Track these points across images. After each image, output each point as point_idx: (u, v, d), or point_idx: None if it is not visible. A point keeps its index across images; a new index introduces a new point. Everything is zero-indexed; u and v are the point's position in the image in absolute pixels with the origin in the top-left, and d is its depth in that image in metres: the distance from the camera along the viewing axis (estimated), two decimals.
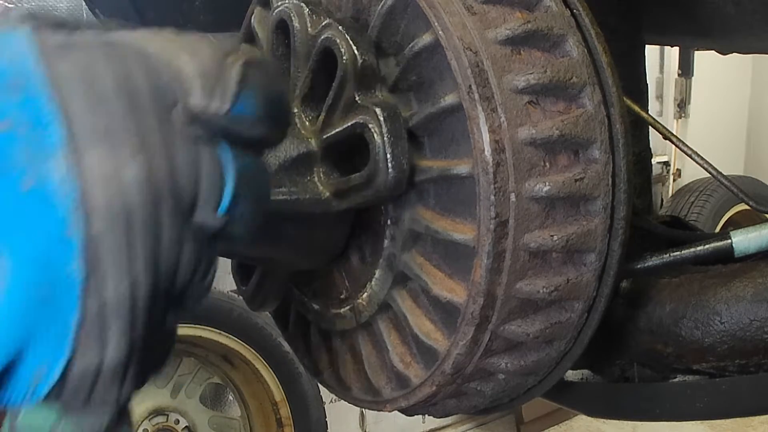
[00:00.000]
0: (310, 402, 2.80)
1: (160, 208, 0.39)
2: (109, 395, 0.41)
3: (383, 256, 0.70)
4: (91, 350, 0.38)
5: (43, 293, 0.37)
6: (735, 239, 0.80)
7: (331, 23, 0.69)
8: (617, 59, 0.66)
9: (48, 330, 0.37)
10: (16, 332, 0.37)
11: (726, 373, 0.76)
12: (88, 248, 0.37)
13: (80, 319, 0.37)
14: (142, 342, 0.41)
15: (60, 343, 0.38)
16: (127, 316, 0.39)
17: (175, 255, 0.41)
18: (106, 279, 0.38)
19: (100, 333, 0.38)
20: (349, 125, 0.66)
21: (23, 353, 0.37)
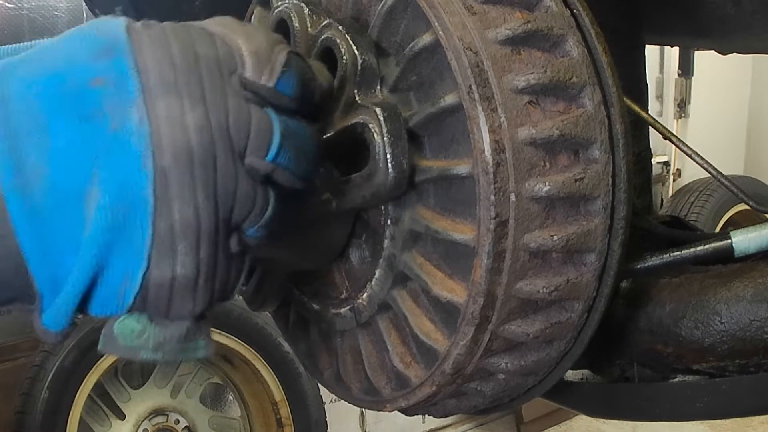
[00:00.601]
0: (310, 402, 2.80)
1: (217, 149, 0.47)
2: (184, 307, 0.49)
3: (383, 256, 0.70)
4: (163, 262, 0.47)
5: (122, 214, 0.45)
6: (735, 239, 0.80)
7: (331, 23, 0.69)
8: (617, 59, 0.66)
9: (127, 245, 0.46)
10: (103, 242, 0.45)
11: (726, 373, 0.76)
12: (158, 178, 0.45)
13: (152, 236, 0.46)
14: (209, 261, 0.48)
15: (138, 256, 0.46)
16: (192, 236, 0.47)
17: (232, 189, 0.48)
18: (173, 204, 0.46)
19: (170, 249, 0.46)
20: (349, 125, 0.66)
21: (109, 262, 0.46)
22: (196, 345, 0.51)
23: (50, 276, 0.47)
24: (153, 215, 0.46)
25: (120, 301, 0.48)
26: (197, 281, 0.49)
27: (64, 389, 2.37)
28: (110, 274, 0.47)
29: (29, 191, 0.45)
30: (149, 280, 0.47)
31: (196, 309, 0.50)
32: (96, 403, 2.73)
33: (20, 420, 2.32)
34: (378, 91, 0.68)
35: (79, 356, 2.39)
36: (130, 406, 2.81)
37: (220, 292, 0.52)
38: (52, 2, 2.69)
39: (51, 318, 0.48)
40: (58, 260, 0.46)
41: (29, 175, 0.44)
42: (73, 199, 0.45)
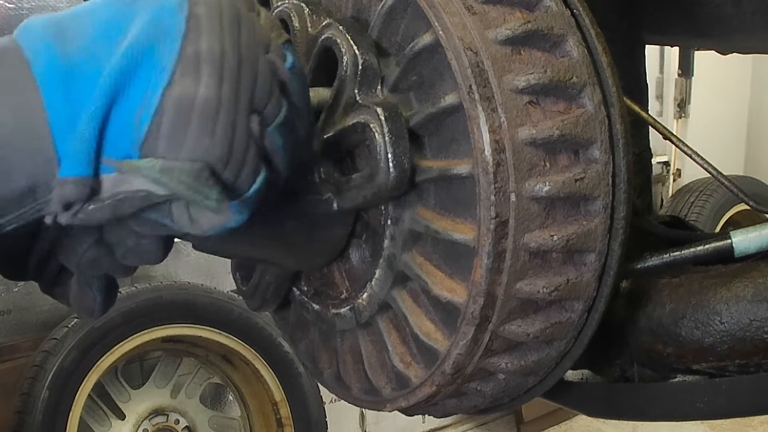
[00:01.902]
0: (310, 402, 2.80)
1: (242, 21, 0.52)
2: (201, 140, 0.49)
3: (383, 256, 0.70)
4: (186, 80, 0.49)
5: (154, 37, 0.49)
6: (735, 239, 0.80)
7: (332, 23, 0.69)
8: (617, 59, 0.66)
9: (152, 63, 0.48)
10: (129, 59, 0.48)
11: (726, 373, 0.76)
12: (191, 18, 0.50)
13: (179, 56, 0.49)
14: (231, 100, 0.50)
15: (162, 72, 0.48)
16: (217, 63, 0.49)
17: (253, 60, 0.52)
18: (202, 36, 0.49)
19: (194, 69, 0.49)
20: (350, 125, 0.66)
21: (131, 81, 0.48)
22: (209, 194, 0.50)
23: (70, 115, 0.48)
24: (183, 39, 0.49)
25: (137, 127, 0.48)
26: (217, 114, 0.49)
27: (64, 389, 2.37)
28: (131, 90, 0.48)
29: (63, 45, 0.48)
30: (169, 96, 0.48)
31: (213, 149, 0.49)
32: (96, 403, 2.73)
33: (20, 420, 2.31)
34: (378, 91, 0.68)
35: (79, 356, 2.38)
36: (130, 406, 2.81)
37: (238, 159, 0.51)
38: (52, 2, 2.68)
39: (70, 159, 0.48)
40: (80, 98, 0.48)
41: (67, 38, 0.49)
42: (108, 46, 0.48)
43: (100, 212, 0.50)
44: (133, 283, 2.56)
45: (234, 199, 0.52)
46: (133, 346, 2.51)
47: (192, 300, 2.59)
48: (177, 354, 2.92)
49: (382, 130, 0.63)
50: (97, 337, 2.41)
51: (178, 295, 2.57)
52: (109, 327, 2.41)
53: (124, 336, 2.46)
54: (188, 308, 2.59)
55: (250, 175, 0.52)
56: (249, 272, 0.85)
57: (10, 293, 2.60)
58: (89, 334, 2.39)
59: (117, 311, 2.39)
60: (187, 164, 0.49)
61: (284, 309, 0.89)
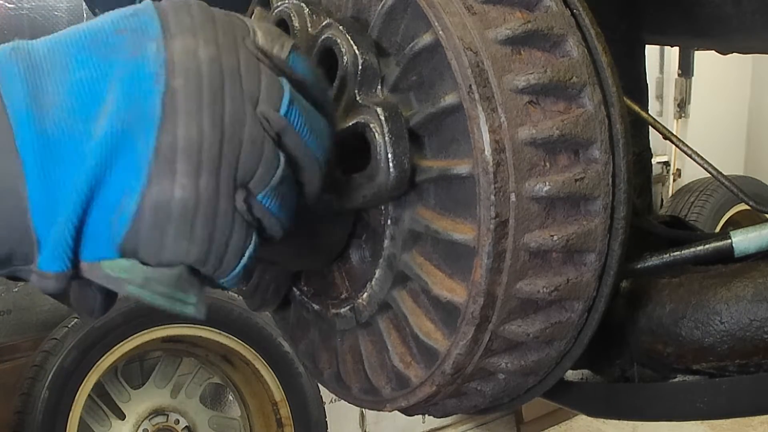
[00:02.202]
0: (310, 402, 2.80)
1: (225, 83, 0.49)
2: (179, 244, 0.48)
3: (383, 256, 0.70)
4: (163, 181, 0.47)
5: (130, 123, 0.46)
6: (735, 239, 0.80)
7: (332, 23, 0.69)
8: (617, 59, 0.66)
9: (129, 157, 0.47)
10: (107, 150, 0.46)
11: (726, 373, 0.76)
12: (167, 96, 0.47)
13: (155, 151, 0.46)
14: (209, 195, 0.48)
15: (138, 171, 0.47)
16: (194, 157, 0.47)
17: (239, 126, 0.49)
18: (179, 121, 0.47)
19: (170, 167, 0.47)
20: (350, 125, 0.66)
21: (109, 177, 0.47)
22: (187, 298, 0.50)
23: (48, 205, 0.46)
24: (158, 129, 0.47)
25: (114, 229, 0.47)
26: (195, 213, 0.47)
27: (64, 389, 2.37)
28: (108, 189, 0.47)
29: (42, 117, 0.46)
30: (146, 200, 0.47)
31: (191, 251, 0.48)
32: (96, 403, 2.73)
33: (20, 420, 2.32)
34: (379, 91, 0.68)
35: (79, 356, 2.39)
36: (130, 406, 2.81)
37: (218, 252, 0.50)
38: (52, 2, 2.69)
39: (48, 253, 0.47)
40: (59, 185, 0.46)
41: (45, 104, 0.46)
42: (86, 122, 0.46)
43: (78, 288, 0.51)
44: None
45: (219, 281, 0.52)
46: (133, 346, 2.51)
47: None
48: (177, 354, 2.93)
49: (382, 130, 0.63)
50: (97, 337, 2.41)
51: None
52: (109, 327, 2.41)
53: (124, 336, 2.47)
54: None
55: (234, 256, 0.51)
56: (249, 272, 0.84)
57: (10, 293, 2.61)
58: (89, 334, 2.40)
59: (117, 311, 2.39)
60: (165, 273, 0.49)
61: (284, 309, 0.89)
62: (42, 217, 0.47)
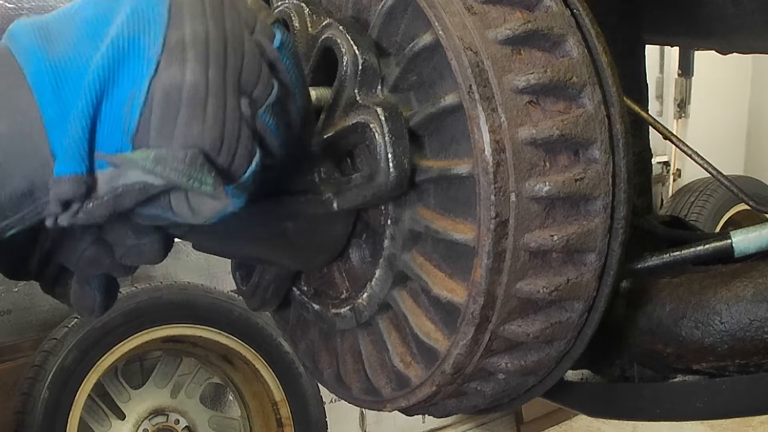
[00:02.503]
0: (310, 402, 2.80)
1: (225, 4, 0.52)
2: (192, 126, 0.49)
3: (383, 256, 0.70)
4: (172, 68, 0.48)
5: (138, 27, 0.49)
6: (735, 239, 0.80)
7: (332, 23, 0.69)
8: (617, 59, 0.66)
9: (138, 54, 0.48)
10: (114, 52, 0.48)
11: (726, 373, 0.76)
12: (173, 4, 0.49)
13: (163, 44, 0.49)
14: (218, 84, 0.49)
15: (147, 62, 0.48)
16: (202, 48, 0.49)
17: (239, 41, 0.51)
18: (185, 21, 0.49)
19: (180, 55, 0.49)
20: (350, 125, 0.66)
21: (118, 74, 0.48)
22: (204, 178, 0.50)
23: (61, 115, 0.48)
24: (167, 27, 0.49)
25: (126, 120, 0.48)
26: (206, 98, 0.49)
27: (64, 389, 2.37)
28: (119, 86, 0.48)
29: (52, 50, 0.48)
30: (156, 86, 0.48)
31: (204, 135, 0.49)
32: (96, 403, 2.73)
33: (20, 420, 2.31)
34: (378, 91, 0.68)
35: (79, 356, 2.38)
36: (130, 406, 2.81)
37: (230, 143, 0.51)
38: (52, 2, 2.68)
39: (62, 157, 0.48)
40: (70, 91, 0.48)
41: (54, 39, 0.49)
42: (93, 40, 0.48)
43: (99, 209, 0.50)
44: (133, 283, 2.56)
45: (230, 183, 0.52)
46: (133, 346, 2.51)
47: (192, 300, 2.59)
48: (177, 354, 2.93)
49: (382, 130, 0.63)
50: (97, 337, 2.41)
51: (178, 295, 2.57)
52: (109, 327, 2.41)
53: (124, 336, 2.47)
54: (188, 308, 2.59)
55: (244, 157, 0.52)
56: (249, 272, 0.85)
57: (10, 293, 2.60)
58: (89, 334, 2.39)
59: (117, 311, 2.39)
60: (180, 152, 0.49)
61: (284, 309, 0.89)
62: (56, 128, 0.48)
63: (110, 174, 0.49)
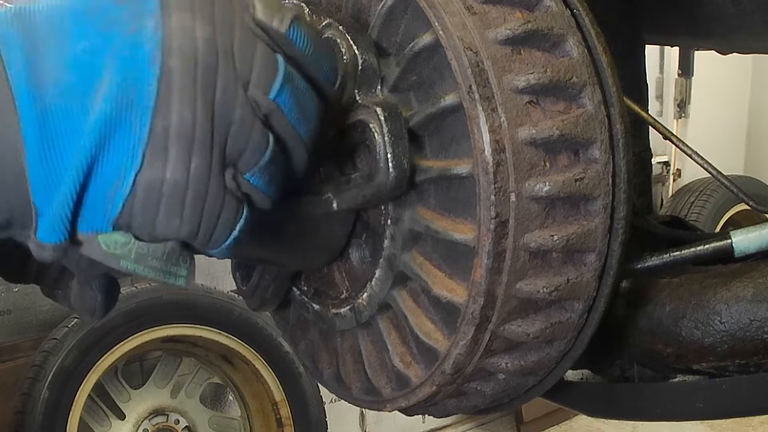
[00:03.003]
0: (310, 402, 2.80)
1: (219, 65, 0.50)
2: (171, 221, 0.50)
3: (383, 256, 0.70)
4: (156, 163, 0.48)
5: (126, 105, 0.48)
6: (735, 239, 0.80)
7: (332, 23, 0.69)
8: (617, 59, 0.66)
9: (124, 139, 0.48)
10: (103, 130, 0.47)
11: (726, 373, 0.76)
12: (163, 77, 0.48)
13: (149, 134, 0.48)
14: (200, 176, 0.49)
15: (133, 153, 0.48)
16: (186, 142, 0.48)
17: (230, 108, 0.50)
18: (173, 104, 0.48)
19: (163, 150, 0.48)
20: (349, 125, 0.66)
21: (105, 154, 0.48)
22: (178, 271, 0.52)
23: (47, 179, 0.48)
24: (153, 112, 0.48)
25: (109, 206, 0.49)
26: (186, 193, 0.49)
27: (64, 389, 2.37)
28: (105, 168, 0.49)
29: (42, 91, 0.47)
30: (140, 181, 0.49)
31: (182, 228, 0.50)
32: (96, 403, 2.73)
33: (20, 420, 2.32)
34: (378, 91, 0.68)
35: (79, 356, 2.39)
36: (130, 406, 2.81)
37: (208, 228, 0.52)
38: None
39: (46, 226, 0.49)
40: (58, 162, 0.48)
41: (44, 76, 0.47)
42: (83, 97, 0.48)
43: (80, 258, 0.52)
44: (133, 283, 2.56)
45: (211, 250, 0.54)
46: (133, 346, 2.51)
47: (192, 300, 2.60)
48: (177, 354, 2.93)
49: (382, 130, 0.63)
50: (97, 337, 2.41)
51: (178, 295, 2.57)
52: (109, 327, 2.42)
53: (124, 336, 2.47)
54: (188, 308, 2.59)
55: (224, 231, 0.53)
56: (249, 272, 0.84)
57: (10, 293, 2.61)
58: (89, 334, 2.40)
59: (117, 311, 2.39)
60: (159, 249, 0.51)
61: (284, 309, 0.89)
62: (40, 189, 0.48)
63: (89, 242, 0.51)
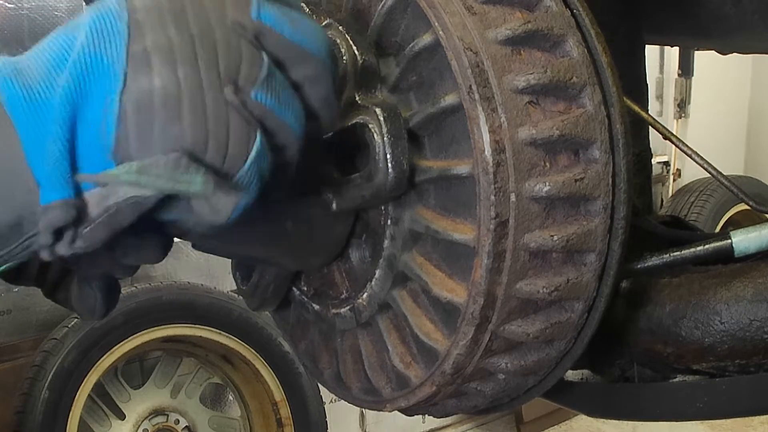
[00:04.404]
0: (310, 402, 2.80)
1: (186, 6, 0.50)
2: (169, 130, 0.48)
3: (383, 256, 0.70)
4: (139, 76, 0.48)
5: (100, 44, 0.48)
6: (735, 239, 0.79)
7: (331, 23, 0.69)
8: (617, 59, 0.66)
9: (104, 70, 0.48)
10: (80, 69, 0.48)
11: (726, 373, 0.76)
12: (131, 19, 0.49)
13: (126, 56, 0.48)
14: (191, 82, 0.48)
15: (113, 77, 0.48)
16: (167, 53, 0.48)
17: (208, 30, 0.50)
18: (146, 33, 0.49)
19: (145, 64, 0.48)
20: (349, 125, 0.66)
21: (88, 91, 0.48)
22: (191, 178, 0.49)
23: (39, 140, 0.47)
24: (127, 41, 0.48)
25: (104, 135, 0.48)
26: (180, 99, 0.48)
27: (64, 389, 2.37)
28: (90, 104, 0.48)
29: (24, 78, 0.48)
30: (127, 98, 0.48)
31: (184, 135, 0.48)
32: (96, 403, 2.73)
33: (20, 420, 2.31)
34: (378, 92, 0.68)
35: (79, 356, 2.38)
36: (130, 406, 2.81)
37: (217, 138, 0.49)
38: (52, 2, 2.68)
39: (46, 185, 0.47)
40: (45, 122, 0.48)
41: (24, 70, 0.49)
42: (59, 64, 0.48)
43: (96, 232, 0.49)
44: (133, 283, 2.56)
45: (230, 176, 0.50)
46: (133, 346, 2.51)
47: (192, 300, 2.59)
48: (177, 354, 2.93)
49: (381, 131, 0.63)
50: (97, 337, 2.41)
51: (178, 295, 2.57)
52: (109, 327, 2.41)
53: (124, 336, 2.47)
54: (188, 308, 2.59)
55: (239, 146, 0.50)
56: (249, 272, 0.84)
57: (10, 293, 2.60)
58: (89, 334, 2.39)
59: (117, 311, 2.39)
60: (161, 158, 0.48)
61: (284, 309, 0.89)
62: (36, 156, 0.47)
63: (99, 194, 0.49)
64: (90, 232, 0.49)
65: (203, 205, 0.51)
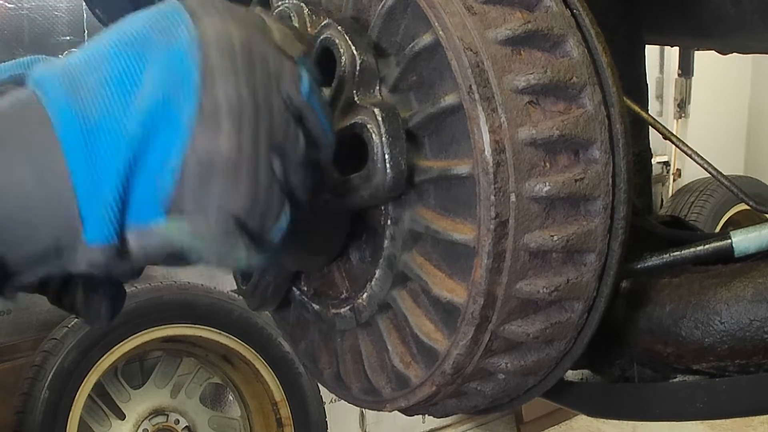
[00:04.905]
0: (310, 402, 2.80)
1: (255, 58, 0.51)
2: (225, 196, 0.49)
3: (383, 256, 0.70)
4: (207, 136, 0.48)
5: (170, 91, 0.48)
6: (735, 239, 0.79)
7: (331, 23, 0.69)
8: (617, 59, 0.66)
9: (171, 120, 0.48)
10: (149, 117, 0.48)
11: (726, 373, 0.76)
12: (203, 64, 0.48)
13: (196, 111, 0.48)
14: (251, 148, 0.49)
15: (181, 132, 0.48)
16: (236, 116, 0.48)
17: (270, 94, 0.51)
18: (217, 85, 0.48)
19: (213, 124, 0.48)
20: (347, 125, 0.66)
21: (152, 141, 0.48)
22: (237, 249, 0.50)
23: (92, 179, 0.47)
24: (199, 92, 0.48)
25: (159, 188, 0.48)
26: (240, 165, 0.48)
27: (64, 389, 2.37)
28: (152, 154, 0.48)
29: (82, 107, 0.48)
30: (191, 155, 0.48)
31: (238, 201, 0.49)
32: (96, 403, 2.73)
33: (20, 420, 2.31)
34: (377, 92, 0.68)
35: (79, 356, 2.39)
36: (130, 406, 2.81)
37: (261, 207, 0.51)
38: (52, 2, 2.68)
39: (93, 226, 0.48)
40: (102, 161, 0.47)
41: (84, 96, 0.48)
42: (124, 100, 0.48)
43: (129, 264, 0.51)
44: (133, 283, 2.56)
45: (260, 245, 0.52)
46: (133, 346, 2.51)
47: (192, 300, 2.60)
48: (177, 354, 2.93)
49: (379, 131, 0.63)
50: (97, 337, 2.41)
51: (178, 295, 2.57)
52: (109, 327, 2.41)
53: (124, 336, 2.47)
54: (188, 308, 2.59)
55: (275, 216, 0.52)
56: (249, 272, 0.84)
57: None
58: (89, 334, 2.39)
59: None
60: (214, 222, 0.49)
61: (284, 309, 0.89)
62: (86, 193, 0.47)
63: (141, 236, 0.50)
64: (125, 264, 0.51)
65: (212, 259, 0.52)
